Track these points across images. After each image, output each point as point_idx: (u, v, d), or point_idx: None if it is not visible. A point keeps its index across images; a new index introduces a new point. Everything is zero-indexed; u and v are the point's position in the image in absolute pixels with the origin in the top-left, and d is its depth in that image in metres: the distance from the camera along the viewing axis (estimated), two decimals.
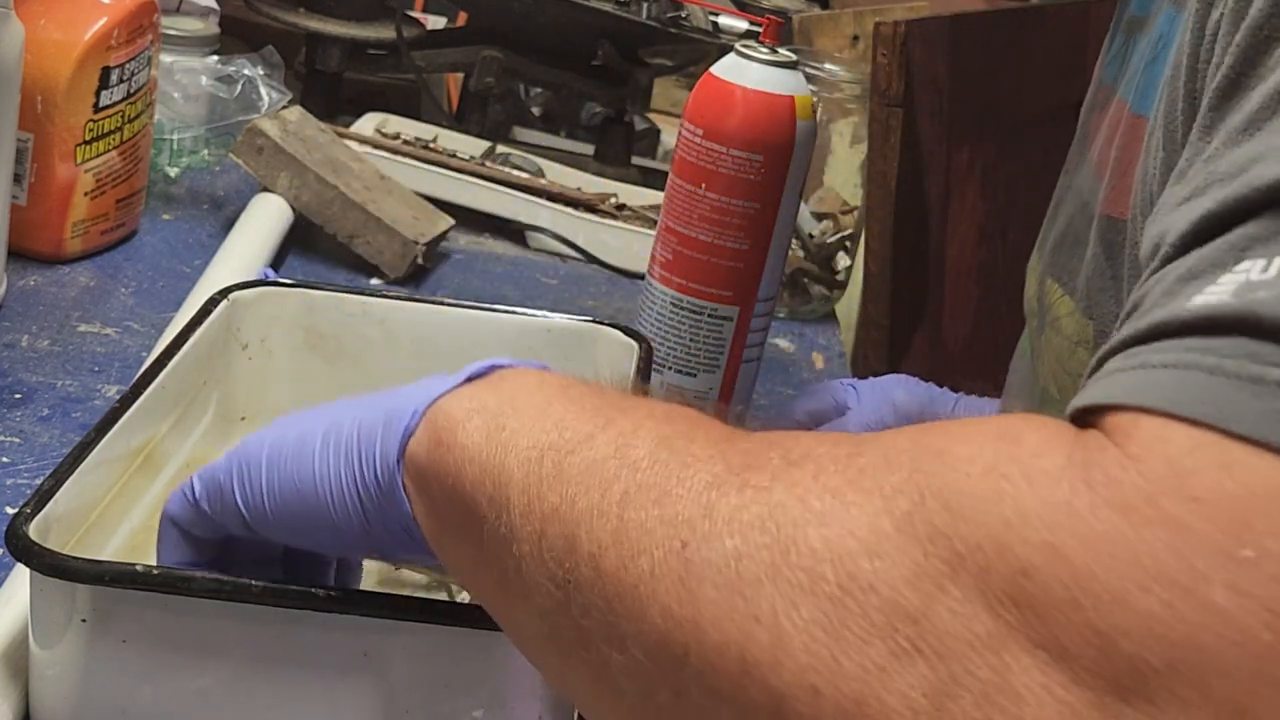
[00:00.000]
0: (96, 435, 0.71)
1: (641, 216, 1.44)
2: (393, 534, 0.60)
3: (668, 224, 1.00)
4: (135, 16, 1.15)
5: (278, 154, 1.26)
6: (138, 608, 0.62)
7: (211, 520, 0.64)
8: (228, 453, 0.64)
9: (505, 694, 0.64)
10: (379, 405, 0.60)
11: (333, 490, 0.60)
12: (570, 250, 1.41)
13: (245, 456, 0.63)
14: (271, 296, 0.90)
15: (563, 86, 1.69)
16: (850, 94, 1.45)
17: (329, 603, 0.62)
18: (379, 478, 0.59)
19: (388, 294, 0.98)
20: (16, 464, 0.89)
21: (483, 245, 1.41)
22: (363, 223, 1.26)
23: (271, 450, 0.62)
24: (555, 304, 1.28)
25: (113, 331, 1.08)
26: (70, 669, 0.64)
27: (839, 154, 1.46)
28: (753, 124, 0.96)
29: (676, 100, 1.96)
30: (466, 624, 0.62)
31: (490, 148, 1.52)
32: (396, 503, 0.58)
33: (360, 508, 0.60)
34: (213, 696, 0.64)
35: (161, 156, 1.36)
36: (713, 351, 1.00)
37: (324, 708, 0.64)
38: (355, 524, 0.60)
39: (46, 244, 1.16)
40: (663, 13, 1.56)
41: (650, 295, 1.02)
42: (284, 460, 0.62)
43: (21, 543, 0.62)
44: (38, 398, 0.97)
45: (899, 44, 1.26)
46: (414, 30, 1.62)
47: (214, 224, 1.31)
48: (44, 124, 1.12)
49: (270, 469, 0.62)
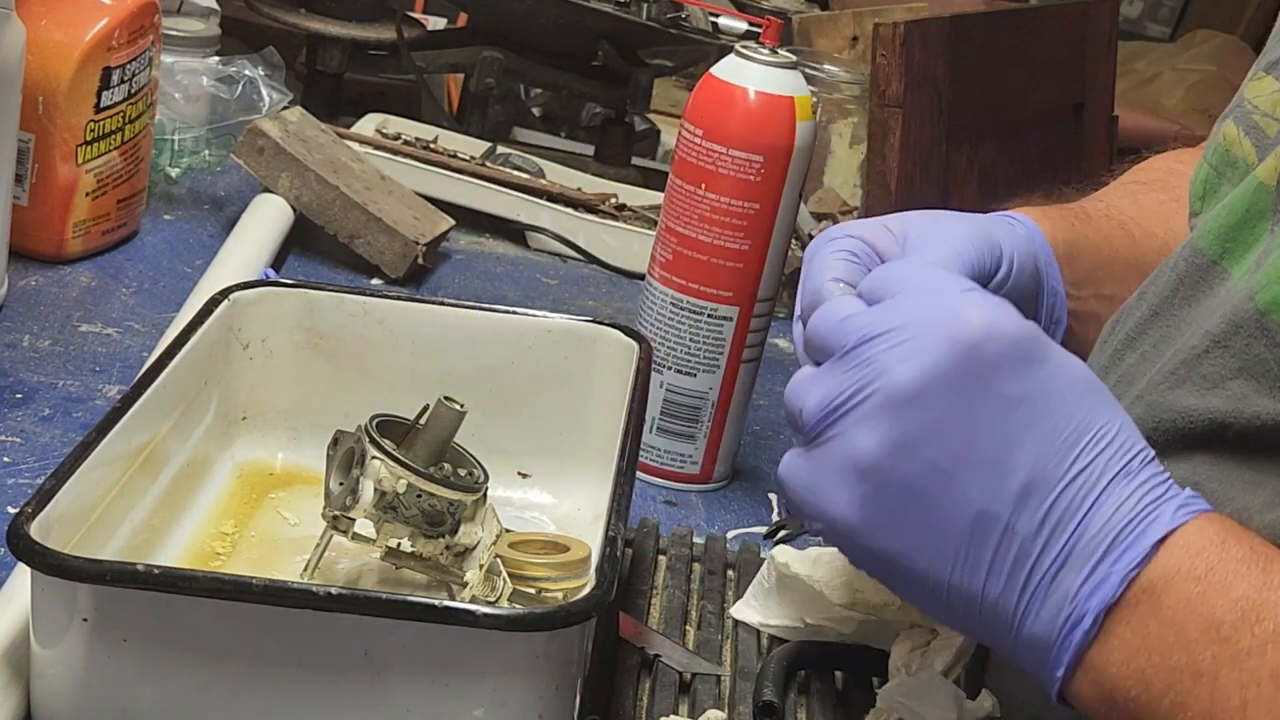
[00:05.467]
0: (98, 435, 0.71)
1: (641, 216, 1.44)
2: (991, 642, 0.60)
3: (668, 224, 1.00)
4: (136, 17, 1.15)
5: (279, 154, 1.27)
6: (138, 607, 0.63)
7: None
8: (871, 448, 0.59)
9: (505, 694, 0.64)
10: (1028, 530, 0.58)
11: (961, 591, 0.59)
12: (570, 250, 1.41)
13: (884, 477, 0.59)
14: (272, 297, 0.90)
15: (563, 87, 1.69)
16: (850, 94, 1.45)
17: (329, 602, 0.62)
18: (1032, 641, 0.59)
19: (388, 294, 0.98)
20: (18, 464, 0.89)
21: (483, 245, 1.42)
22: (363, 223, 1.26)
23: (910, 491, 0.59)
24: (555, 304, 1.29)
25: (114, 331, 1.08)
26: (71, 668, 0.64)
27: (839, 154, 1.47)
28: (753, 125, 0.96)
29: (676, 100, 1.96)
30: (466, 624, 0.62)
31: (490, 148, 1.52)
32: (1036, 664, 0.59)
33: (976, 619, 0.59)
34: (213, 696, 0.64)
35: (162, 157, 1.36)
36: (713, 351, 1.01)
37: (324, 708, 0.64)
38: (957, 619, 0.60)
39: (48, 244, 1.16)
40: (663, 13, 1.56)
41: (650, 295, 1.02)
42: (923, 525, 0.59)
43: (23, 542, 0.62)
44: (39, 398, 0.97)
45: (898, 45, 1.26)
46: (414, 31, 1.62)
47: (215, 224, 1.31)
48: (45, 124, 1.12)
49: (901, 511, 0.59)
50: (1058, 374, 0.59)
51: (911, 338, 0.59)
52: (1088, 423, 0.59)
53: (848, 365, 0.60)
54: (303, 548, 0.81)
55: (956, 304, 0.59)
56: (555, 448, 0.91)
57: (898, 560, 0.60)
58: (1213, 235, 0.71)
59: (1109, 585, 0.57)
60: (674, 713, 0.75)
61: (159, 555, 0.78)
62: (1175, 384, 0.68)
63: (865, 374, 0.59)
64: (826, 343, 0.62)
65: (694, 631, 0.84)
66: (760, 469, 1.08)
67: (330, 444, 0.79)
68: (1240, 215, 0.70)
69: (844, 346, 0.60)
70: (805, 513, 0.62)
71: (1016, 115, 1.49)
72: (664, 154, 1.78)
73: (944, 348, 0.58)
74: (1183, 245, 0.74)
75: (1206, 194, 0.77)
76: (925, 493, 0.58)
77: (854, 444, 0.59)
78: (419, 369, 0.90)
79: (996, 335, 0.58)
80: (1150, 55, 3.10)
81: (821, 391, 0.60)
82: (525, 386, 0.91)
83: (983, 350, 0.58)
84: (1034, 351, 0.59)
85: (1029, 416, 0.58)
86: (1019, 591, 0.58)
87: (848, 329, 0.61)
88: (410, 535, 0.77)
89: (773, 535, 0.99)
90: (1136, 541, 0.57)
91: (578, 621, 0.65)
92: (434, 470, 0.77)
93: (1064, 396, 0.59)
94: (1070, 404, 0.59)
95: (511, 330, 0.91)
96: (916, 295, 0.61)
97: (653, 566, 0.89)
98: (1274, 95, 0.73)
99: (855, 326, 0.61)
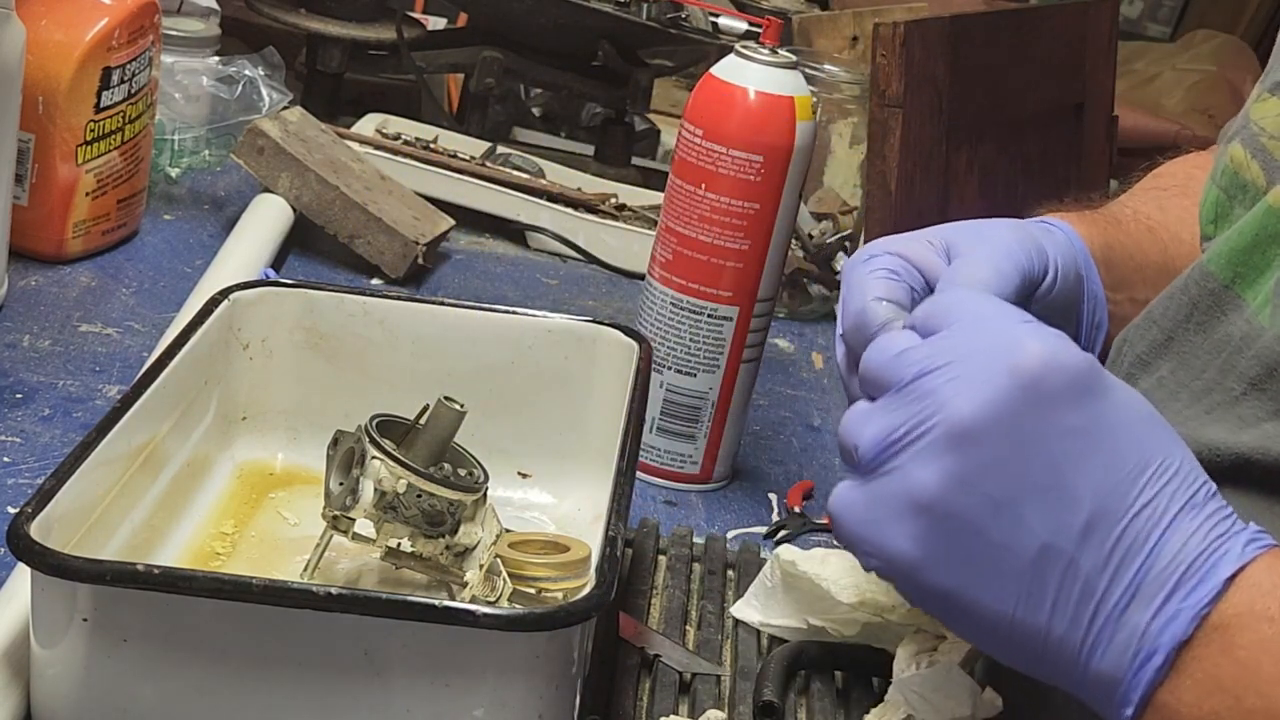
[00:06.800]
0: (98, 435, 0.71)
1: (641, 216, 1.44)
2: (1055, 680, 0.59)
3: (668, 224, 1.00)
4: (136, 17, 1.15)
5: (279, 154, 1.27)
6: (138, 607, 0.63)
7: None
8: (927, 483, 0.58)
9: (505, 694, 0.64)
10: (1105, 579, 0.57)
11: (1025, 627, 0.58)
12: (570, 250, 1.41)
13: (944, 512, 0.58)
14: (272, 297, 0.90)
15: (563, 87, 1.69)
16: (850, 94, 1.45)
17: (329, 602, 0.62)
18: (1098, 681, 0.58)
19: (388, 294, 0.98)
20: (18, 464, 0.89)
21: (483, 245, 1.42)
22: (363, 223, 1.26)
23: (971, 526, 0.58)
24: (555, 304, 1.29)
25: (114, 331, 1.08)
26: (71, 668, 0.64)
27: (839, 154, 1.47)
28: (753, 125, 0.96)
29: (676, 100, 1.96)
30: (466, 624, 0.62)
31: (490, 148, 1.52)
32: (1102, 702, 0.58)
33: (1040, 656, 0.58)
34: (213, 696, 0.64)
35: (163, 157, 1.36)
36: (713, 351, 1.01)
37: (324, 708, 0.64)
38: (1019, 656, 0.59)
39: (48, 244, 1.16)
40: (663, 13, 1.56)
41: (650, 295, 1.02)
42: (985, 565, 0.58)
43: (23, 542, 0.62)
44: (39, 397, 0.97)
45: (898, 45, 1.26)
46: (414, 31, 1.63)
47: (215, 224, 1.31)
48: (45, 124, 1.12)
49: (961, 547, 0.58)
50: (1118, 406, 0.58)
51: (971, 371, 0.58)
52: (1150, 455, 0.58)
53: (906, 399, 0.59)
54: (303, 548, 0.81)
55: (1015, 335, 0.59)
56: (555, 448, 0.91)
57: (958, 597, 0.58)
58: (1224, 259, 0.71)
59: (1180, 622, 0.56)
60: (674, 713, 0.75)
61: (159, 555, 0.78)
62: (1210, 420, 0.68)
63: (924, 408, 0.58)
64: (882, 377, 0.61)
65: (694, 631, 0.84)
66: (760, 469, 1.08)
67: (330, 444, 0.79)
68: (1250, 239, 0.70)
69: (900, 380, 0.59)
70: (860, 548, 0.61)
71: (1016, 115, 1.48)
72: (664, 154, 1.78)
73: (1004, 380, 0.57)
74: (1191, 268, 0.74)
75: (1219, 217, 0.76)
76: (987, 527, 0.57)
77: (913, 478, 0.58)
78: (419, 369, 0.90)
79: (1057, 367, 0.57)
80: (1150, 55, 3.10)
81: (879, 425, 0.59)
82: (525, 386, 0.91)
83: (1044, 382, 0.57)
84: (1093, 383, 0.58)
85: (1091, 449, 0.57)
86: (1085, 627, 0.57)
87: (904, 363, 0.60)
88: (410, 535, 0.77)
89: (773, 535, 0.99)
90: (1207, 577, 0.56)
91: (578, 621, 0.65)
92: (434, 470, 0.77)
93: (1125, 428, 0.58)
94: (1132, 436, 0.58)
95: (511, 330, 0.91)
96: (974, 326, 0.60)
97: (653, 566, 0.89)
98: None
99: (912, 360, 0.60)
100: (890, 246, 0.73)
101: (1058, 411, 0.57)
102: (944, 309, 0.62)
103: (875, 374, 0.61)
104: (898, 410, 0.59)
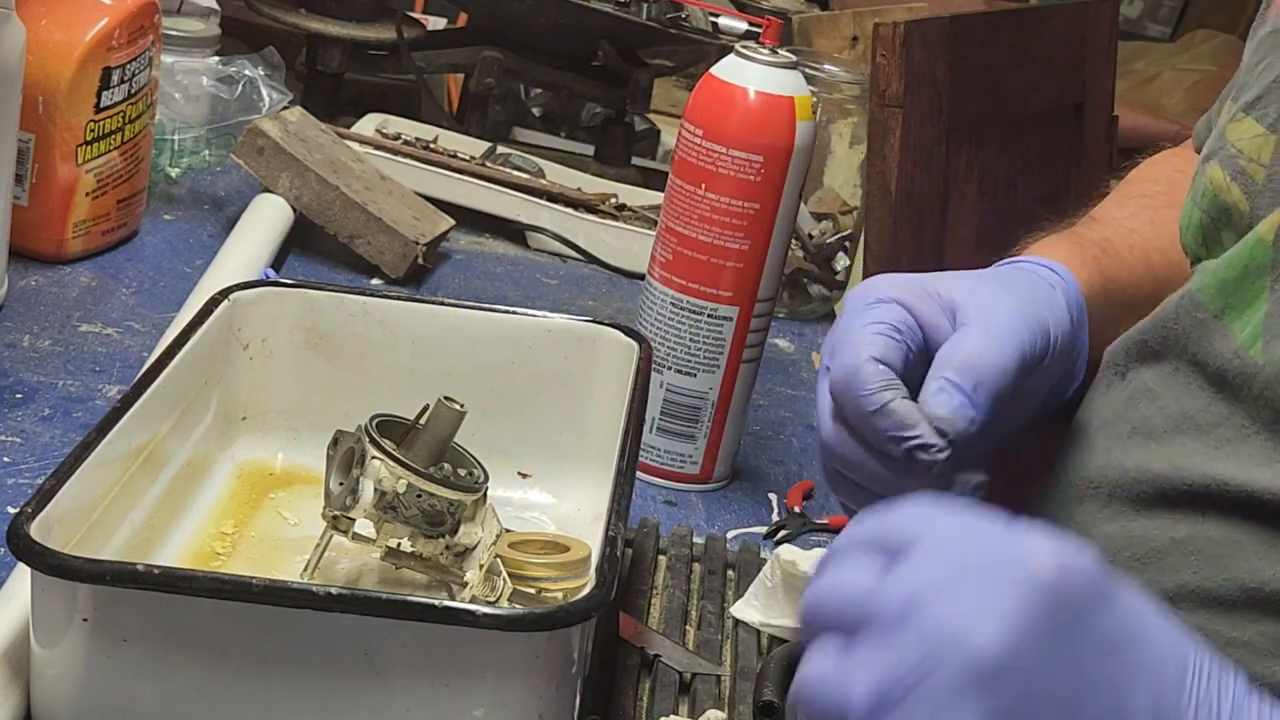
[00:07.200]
0: (98, 435, 0.71)
1: (641, 216, 1.44)
2: None
3: (668, 224, 1.00)
4: (136, 17, 1.15)
5: (279, 154, 1.27)
6: (138, 607, 0.63)
7: None
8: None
9: (505, 694, 0.64)
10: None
11: None
12: (570, 250, 1.41)
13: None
14: (272, 297, 0.90)
15: (563, 87, 1.69)
16: (850, 95, 1.45)
17: (329, 602, 0.62)
18: None
19: (388, 294, 0.98)
20: (18, 464, 0.89)
21: (483, 245, 1.42)
22: (363, 223, 1.26)
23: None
24: (555, 304, 1.29)
25: (114, 331, 1.08)
26: (71, 668, 0.64)
27: (839, 154, 1.47)
28: (753, 125, 0.96)
29: (676, 100, 1.97)
30: (466, 624, 0.62)
31: (490, 148, 1.52)
32: None
33: None
34: (213, 696, 0.64)
35: (162, 157, 1.36)
36: (713, 351, 1.01)
37: (324, 708, 0.64)
38: None
39: (48, 244, 1.16)
40: (663, 13, 1.56)
41: (650, 295, 1.02)
42: None
43: (23, 542, 0.62)
44: (39, 397, 0.97)
45: (898, 45, 1.26)
46: (414, 31, 1.63)
47: (215, 224, 1.31)
48: (45, 124, 1.12)
49: None
50: (1136, 606, 0.52)
51: (979, 591, 0.49)
52: (1181, 653, 0.52)
53: (901, 635, 0.49)
54: (303, 548, 0.81)
55: (1017, 544, 0.50)
56: (555, 448, 0.91)
57: None
58: (1213, 289, 0.72)
59: None
60: (674, 713, 0.75)
61: (159, 555, 0.78)
62: (1219, 457, 0.68)
63: (929, 643, 0.48)
64: (853, 615, 0.51)
65: (694, 631, 0.84)
66: (760, 469, 1.08)
67: (330, 444, 0.79)
68: (1240, 271, 0.70)
69: (883, 617, 0.50)
70: None
71: (1016, 115, 1.48)
72: (664, 154, 1.78)
73: (1025, 594, 0.49)
74: (1180, 295, 0.74)
75: (1207, 241, 0.76)
76: None
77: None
78: (419, 369, 0.90)
79: (1075, 570, 0.50)
80: (1150, 55, 3.10)
81: (872, 674, 0.49)
82: (525, 386, 0.91)
83: (1068, 590, 0.49)
84: (1109, 585, 0.51)
85: (1132, 656, 0.50)
86: None
87: (887, 594, 0.50)
88: (410, 535, 0.77)
89: (773, 535, 0.99)
90: None
91: (578, 621, 0.65)
92: (434, 470, 0.77)
93: (1153, 628, 0.52)
94: (1163, 633, 0.52)
95: (511, 330, 0.91)
96: (954, 539, 0.51)
97: (653, 566, 0.89)
98: (1257, 140, 0.72)
99: (895, 590, 0.50)
100: (895, 293, 0.70)
101: (1089, 620, 0.50)
102: (905, 524, 0.53)
103: (842, 611, 0.51)
104: (892, 651, 0.49)
